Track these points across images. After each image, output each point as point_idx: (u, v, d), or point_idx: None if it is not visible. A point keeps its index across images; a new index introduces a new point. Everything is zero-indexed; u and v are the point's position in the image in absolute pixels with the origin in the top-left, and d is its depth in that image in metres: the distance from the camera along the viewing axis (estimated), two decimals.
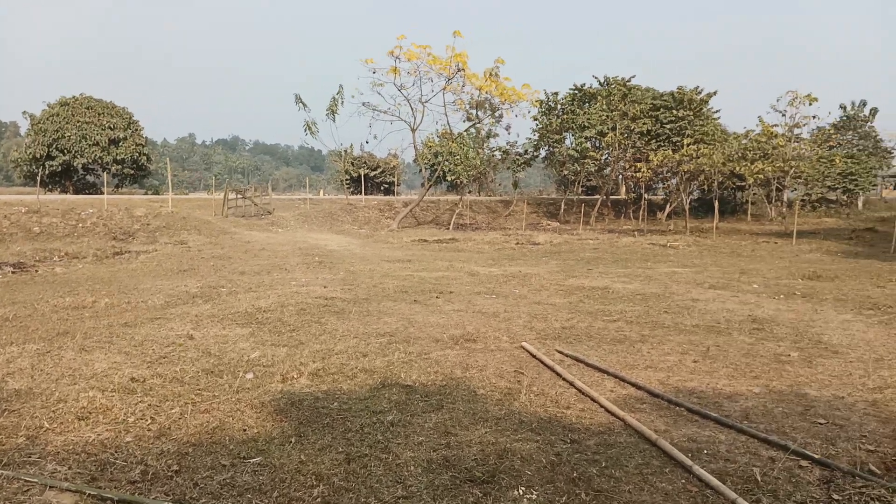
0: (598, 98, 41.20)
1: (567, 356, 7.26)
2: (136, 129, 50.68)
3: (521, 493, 3.95)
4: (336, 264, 16.69)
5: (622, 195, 47.00)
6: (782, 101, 39.63)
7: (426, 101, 35.49)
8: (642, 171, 35.45)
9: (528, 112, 38.91)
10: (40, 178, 40.69)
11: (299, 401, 5.63)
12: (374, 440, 4.75)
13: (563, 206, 43.03)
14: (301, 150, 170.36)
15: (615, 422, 5.19)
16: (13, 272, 14.64)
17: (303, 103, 35.64)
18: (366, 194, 46.75)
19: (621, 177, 45.60)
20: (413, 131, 35.96)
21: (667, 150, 35.06)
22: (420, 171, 40.77)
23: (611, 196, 46.10)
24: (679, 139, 38.32)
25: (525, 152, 44.27)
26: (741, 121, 71.04)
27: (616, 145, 38.88)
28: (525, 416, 5.29)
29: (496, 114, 39.23)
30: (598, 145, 41.28)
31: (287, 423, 5.11)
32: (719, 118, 43.25)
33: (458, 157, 35.94)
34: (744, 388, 6.12)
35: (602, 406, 5.52)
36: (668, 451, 4.52)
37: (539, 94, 39.60)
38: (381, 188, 56.31)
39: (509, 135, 69.42)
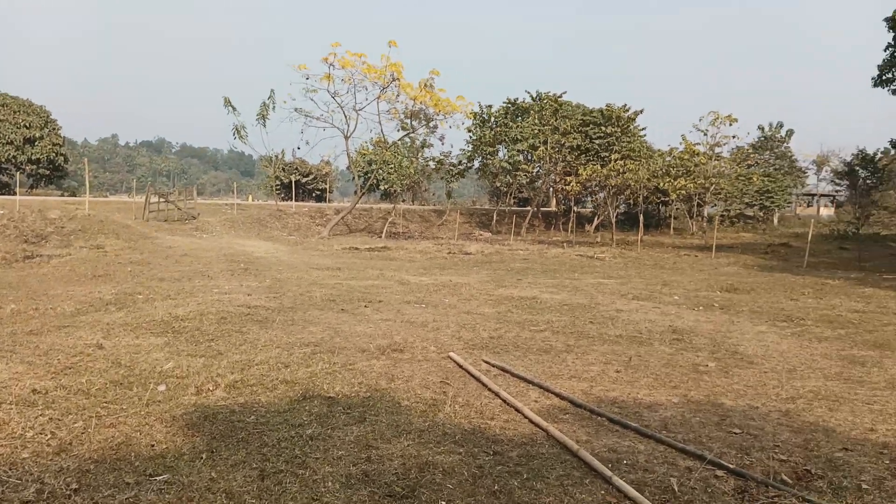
0: (531, 112, 41.95)
1: (494, 366, 7.25)
2: (54, 128, 48.13)
3: None
4: (262, 271, 16.25)
5: (553, 207, 47.92)
6: (704, 120, 41.33)
7: (360, 109, 35.23)
8: (572, 184, 36.27)
9: (463, 124, 39.18)
10: None
11: (213, 414, 5.38)
12: (291, 455, 4.57)
13: (495, 216, 43.49)
14: (231, 155, 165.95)
15: (538, 432, 5.18)
16: None
17: (232, 107, 34.73)
18: (297, 201, 45.94)
19: (552, 189, 46.49)
20: (346, 139, 35.59)
21: (595, 165, 35.98)
22: (353, 178, 40.33)
23: (542, 208, 46.93)
24: (607, 154, 39.40)
25: (459, 163, 44.55)
26: (665, 138, 73.81)
27: (547, 159, 39.64)
28: (449, 428, 5.22)
29: (431, 124, 39.31)
30: (529, 158, 41.97)
31: (199, 438, 4.86)
32: (645, 135, 44.82)
33: (392, 165, 35.79)
34: (663, 398, 6.25)
35: (526, 417, 5.51)
36: (589, 461, 4.54)
37: (473, 106, 39.95)
38: (313, 195, 55.47)
39: (443, 145, 69.73)
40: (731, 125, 40.33)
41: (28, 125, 45.80)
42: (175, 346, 7.77)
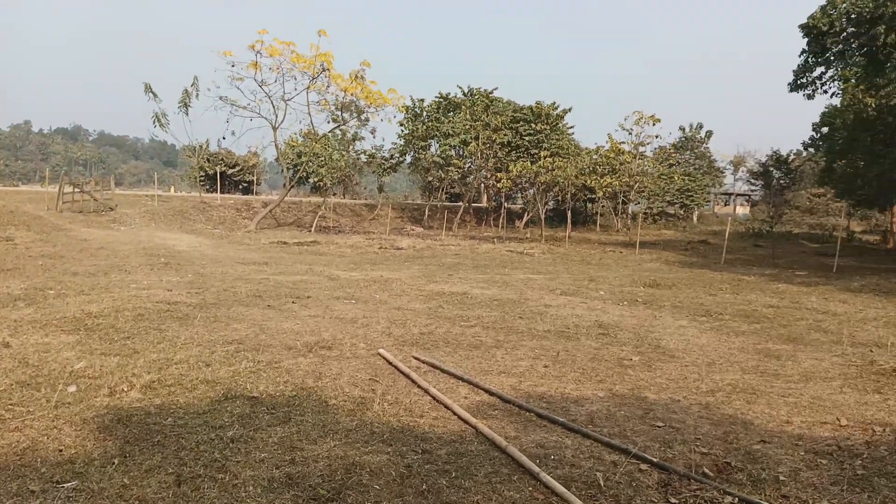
0: (463, 108, 42.12)
1: (424, 363, 7.18)
2: None
3: None
4: (184, 266, 15.63)
5: (484, 203, 48.32)
6: (629, 120, 42.58)
7: (289, 99, 34.41)
8: (503, 180, 36.64)
9: (395, 117, 38.93)
10: None
11: (128, 417, 5.09)
12: (211, 459, 4.37)
13: (427, 211, 43.49)
14: (152, 144, 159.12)
15: (468, 429, 5.15)
16: None
17: (153, 93, 33.34)
18: (222, 193, 44.55)
19: (483, 185, 46.86)
20: (275, 129, 34.72)
21: (526, 162, 36.47)
22: (282, 170, 39.45)
23: (473, 203, 47.23)
24: (537, 152, 40.02)
25: (391, 157, 44.33)
26: (592, 137, 75.62)
27: (479, 154, 39.89)
28: (377, 427, 5.12)
29: (362, 117, 38.87)
30: (461, 154, 42.17)
31: (111, 442, 4.59)
32: (573, 133, 45.77)
33: (322, 158, 35.18)
34: (590, 393, 6.34)
35: (455, 413, 5.47)
36: (517, 458, 4.54)
37: (405, 99, 39.78)
38: (240, 187, 53.92)
39: (375, 138, 69.14)
40: (654, 125, 41.77)
41: None
42: (87, 344, 7.34)
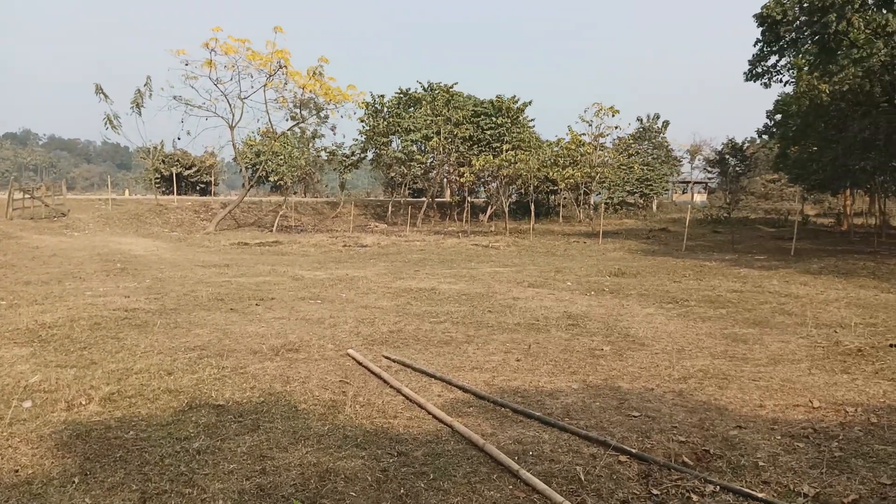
0: (423, 103, 41.91)
1: (395, 362, 7.04)
2: None
3: None
4: (141, 271, 15.17)
5: (447, 198, 48.23)
6: (589, 111, 42.94)
7: (245, 98, 33.78)
8: (466, 174, 36.61)
9: (355, 113, 38.56)
10: None
11: (87, 432, 4.84)
12: (177, 472, 4.16)
13: (390, 207, 43.20)
14: (105, 147, 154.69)
15: (443, 428, 5.04)
16: None
17: (104, 94, 32.33)
18: (179, 195, 43.57)
19: (446, 180, 46.79)
20: (231, 129, 34.05)
21: (488, 156, 36.50)
22: (240, 170, 38.72)
23: (436, 198, 47.12)
24: (499, 145, 40.08)
25: (352, 154, 43.90)
26: (553, 129, 76.20)
27: (441, 149, 39.77)
28: (350, 431, 4.97)
29: (321, 114, 38.40)
30: (423, 149, 41.97)
31: (71, 460, 4.35)
32: (534, 126, 45.95)
33: (281, 156, 34.64)
34: (563, 385, 6.28)
35: (430, 413, 5.35)
36: (496, 455, 4.44)
37: (365, 95, 39.41)
38: (197, 188, 52.76)
39: (335, 135, 68.51)
40: (613, 116, 42.23)
41: None
42: (42, 356, 7.01)
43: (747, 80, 27.95)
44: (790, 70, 27.17)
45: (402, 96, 43.53)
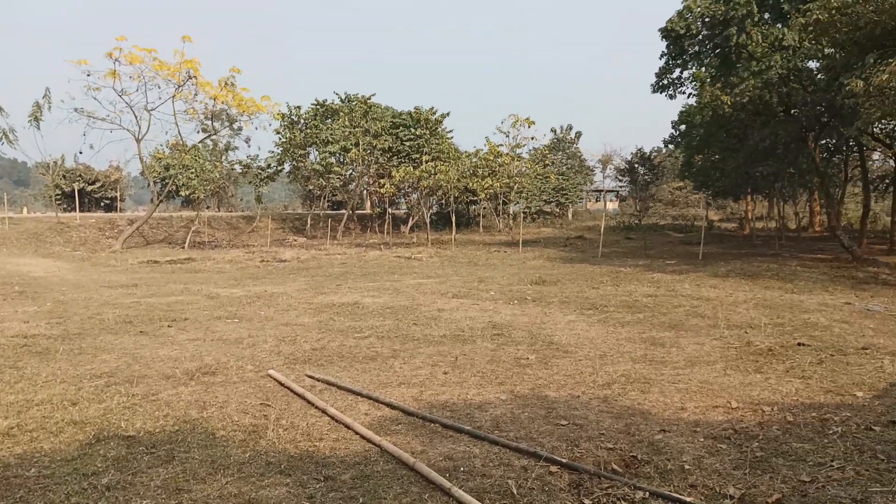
0: (341, 114, 41.49)
1: (319, 381, 6.81)
2: None
3: None
4: (41, 293, 14.16)
5: (368, 210, 47.85)
6: (506, 123, 43.69)
7: (153, 109, 32.43)
8: (386, 186, 36.43)
9: (269, 125, 37.76)
10: None
11: None
12: None
13: (309, 221, 42.39)
14: (0, 163, 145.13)
15: (372, 448, 4.87)
16: None
17: None
18: (82, 212, 41.21)
19: (366, 192, 46.42)
20: (138, 141, 32.58)
21: (408, 167, 36.47)
22: (149, 185, 37.05)
23: (357, 211, 46.65)
24: (418, 156, 40.15)
25: (268, 166, 42.85)
26: (471, 140, 77.29)
27: (360, 161, 39.44)
28: (273, 456, 4.73)
29: (234, 125, 37.35)
30: (342, 160, 41.49)
31: None
32: (452, 137, 46.33)
33: (192, 170, 33.37)
34: (492, 396, 6.24)
35: (357, 433, 5.18)
36: (427, 474, 4.32)
37: (280, 106, 38.64)
38: (102, 205, 50.05)
39: (249, 147, 66.74)
40: (529, 127, 43.12)
41: None
42: None
43: (654, 91, 29.22)
44: (692, 82, 28.59)
45: (318, 107, 42.93)
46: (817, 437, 4.98)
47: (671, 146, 46.75)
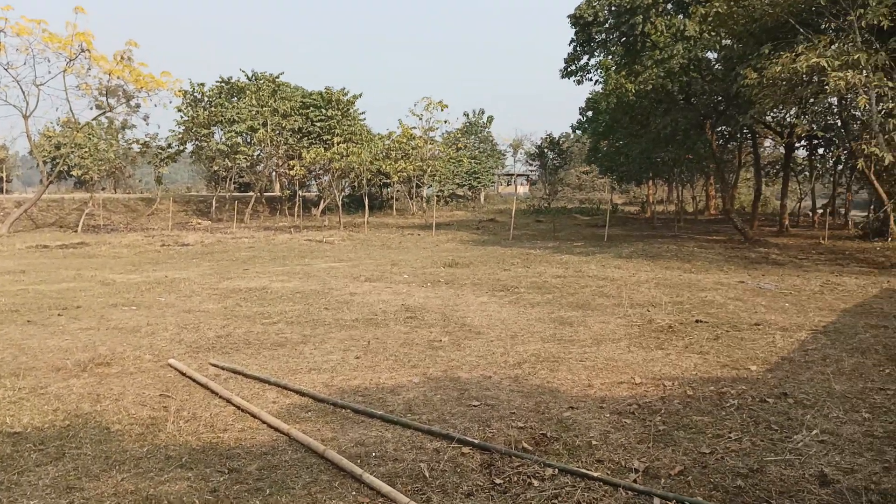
0: (247, 92, 40.03)
1: (223, 369, 6.54)
2: None
3: None
4: None
5: (277, 192, 46.61)
6: (419, 105, 43.51)
7: (42, 84, 30.05)
8: (296, 168, 35.53)
9: (170, 102, 35.91)
10: None
11: None
12: None
13: (214, 203, 40.81)
14: None
15: (280, 437, 4.72)
16: None
17: None
18: None
19: (275, 173, 45.17)
20: (26, 118, 30.18)
21: (319, 148, 35.70)
22: (38, 165, 34.52)
23: (265, 193, 45.32)
24: (329, 138, 39.40)
25: (169, 146, 40.80)
26: (384, 123, 76.55)
27: (268, 141, 38.26)
28: (173, 450, 4.49)
29: (132, 102, 35.24)
30: (249, 141, 40.10)
31: None
32: (365, 119, 45.75)
33: (86, 149, 31.34)
34: (405, 380, 6.19)
35: (264, 422, 5.00)
36: (337, 461, 4.23)
37: (182, 83, 36.80)
38: None
39: (148, 126, 63.23)
40: (442, 110, 43.13)
41: None
42: None
43: (563, 77, 29.83)
44: (599, 70, 29.42)
45: (223, 85, 41.23)
46: (715, 409, 5.23)
47: (579, 132, 48.07)
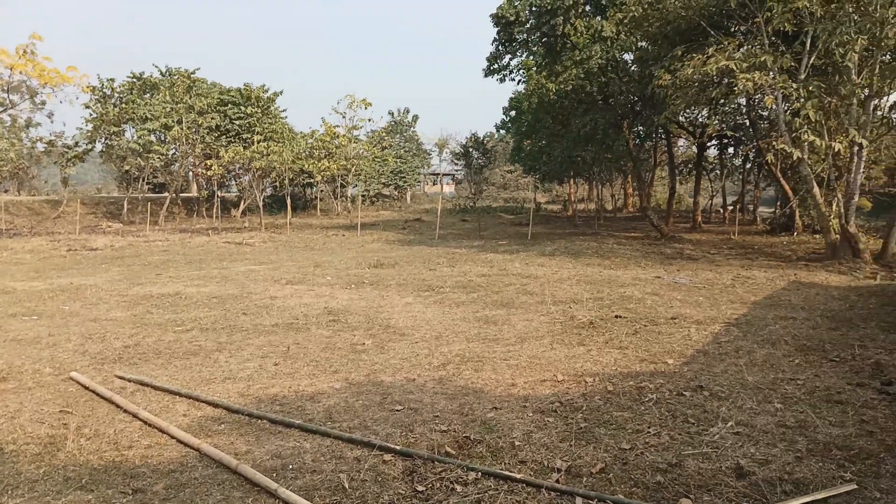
0: (161, 88, 38.38)
1: (130, 381, 6.16)
2: None
3: None
4: None
5: (194, 192, 44.94)
6: (342, 103, 42.89)
7: None
8: (213, 167, 34.30)
9: (77, 98, 33.99)
10: None
11: None
12: None
13: (126, 205, 38.93)
14: None
15: (189, 453, 4.46)
16: None
17: None
18: None
19: (192, 173, 43.50)
20: None
21: (238, 147, 34.60)
22: None
23: (181, 194, 43.59)
24: (249, 136, 38.28)
25: (76, 144, 38.62)
26: (307, 121, 75.17)
27: (183, 140, 36.77)
28: (73, 470, 4.17)
29: (36, 99, 33.15)
30: (163, 139, 38.45)
31: None
32: (286, 117, 44.72)
33: None
34: (325, 386, 6.01)
35: (173, 437, 4.72)
36: (251, 476, 4.02)
37: (90, 78, 34.92)
38: None
39: (53, 123, 59.78)
40: (366, 108, 42.66)
41: None
42: None
43: (486, 76, 30.04)
44: (521, 70, 29.80)
45: (135, 80, 39.38)
46: (635, 404, 5.31)
47: (503, 131, 48.65)
